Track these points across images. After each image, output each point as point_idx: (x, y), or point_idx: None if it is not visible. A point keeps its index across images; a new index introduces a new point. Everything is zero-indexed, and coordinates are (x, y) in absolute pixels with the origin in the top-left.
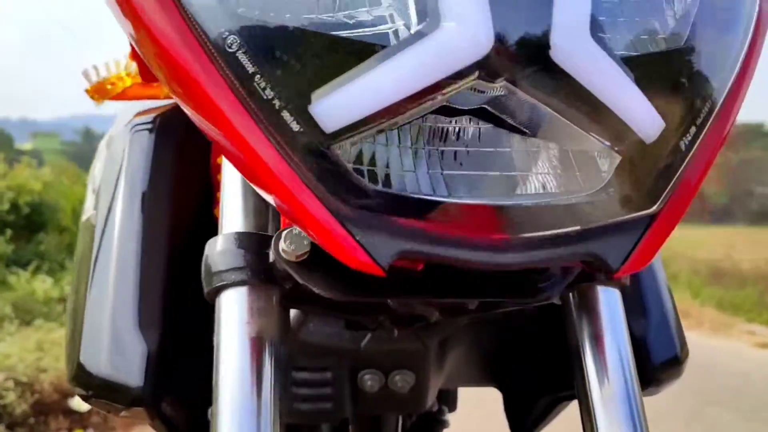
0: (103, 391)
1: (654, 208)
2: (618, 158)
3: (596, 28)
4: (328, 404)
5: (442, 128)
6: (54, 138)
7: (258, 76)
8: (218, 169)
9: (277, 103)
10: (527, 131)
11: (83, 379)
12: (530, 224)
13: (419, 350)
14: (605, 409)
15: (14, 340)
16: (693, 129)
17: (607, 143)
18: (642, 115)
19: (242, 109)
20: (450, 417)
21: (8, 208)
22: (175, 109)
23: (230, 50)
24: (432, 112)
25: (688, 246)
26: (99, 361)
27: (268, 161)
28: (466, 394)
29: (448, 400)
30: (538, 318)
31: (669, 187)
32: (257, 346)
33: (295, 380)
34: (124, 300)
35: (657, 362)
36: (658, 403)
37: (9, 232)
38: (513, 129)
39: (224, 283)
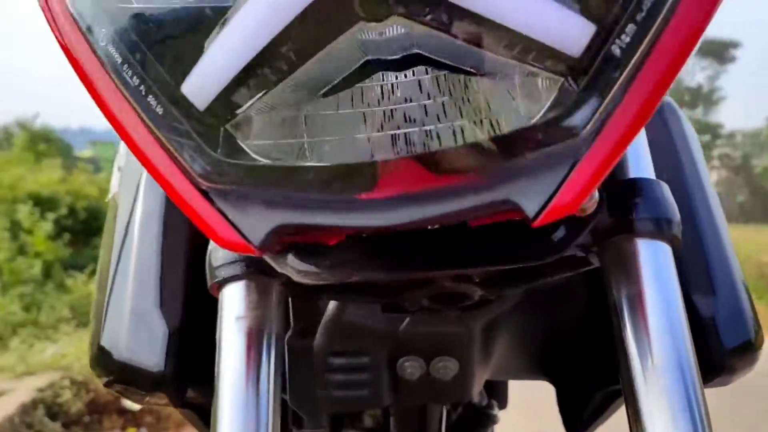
0: (124, 375)
1: (582, 135)
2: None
3: None
4: (366, 391)
5: (382, 87)
6: (111, 146)
7: (126, 65)
8: None
9: (143, 88)
10: (473, 70)
11: (103, 363)
12: (427, 174)
13: (462, 335)
14: (648, 389)
15: (71, 340)
16: (631, 28)
17: (535, 66)
18: (553, 21)
19: (121, 98)
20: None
21: (66, 212)
22: None
23: (102, 44)
24: (367, 70)
25: (755, 248)
26: (119, 343)
27: (142, 143)
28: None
29: (498, 395)
30: (590, 304)
31: (601, 107)
32: (253, 339)
33: (331, 366)
34: (146, 282)
35: (729, 347)
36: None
37: (67, 236)
38: (458, 71)
39: (222, 278)
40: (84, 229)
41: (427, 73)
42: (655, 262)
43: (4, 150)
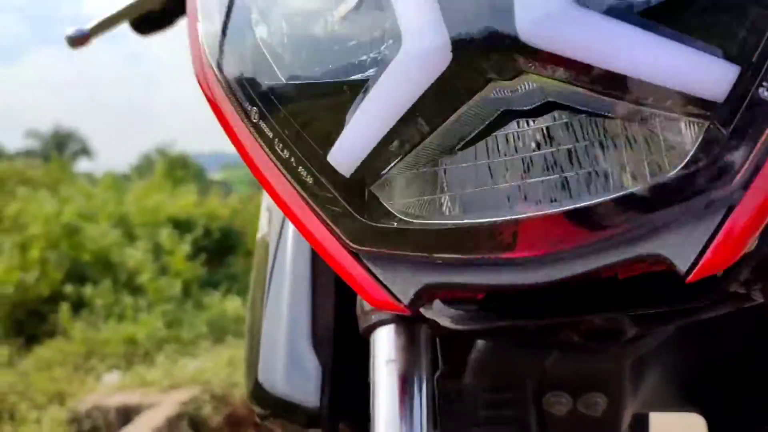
0: (281, 410)
1: (733, 185)
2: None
3: None
4: (511, 428)
5: (515, 135)
6: (242, 169)
7: (277, 140)
8: None
9: (293, 160)
10: (610, 115)
11: (261, 398)
12: (572, 230)
13: (612, 370)
14: None
15: (209, 356)
16: None
17: (677, 113)
18: (691, 68)
19: (275, 170)
20: None
21: (202, 234)
22: None
23: (254, 121)
24: (503, 120)
25: None
26: (276, 379)
27: (298, 211)
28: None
29: (641, 425)
30: (751, 333)
31: (752, 154)
32: (404, 382)
33: (475, 400)
34: (299, 318)
35: None
36: None
37: (203, 256)
38: (593, 115)
39: (373, 322)
40: (218, 249)
41: (555, 120)
42: None
43: (145, 177)
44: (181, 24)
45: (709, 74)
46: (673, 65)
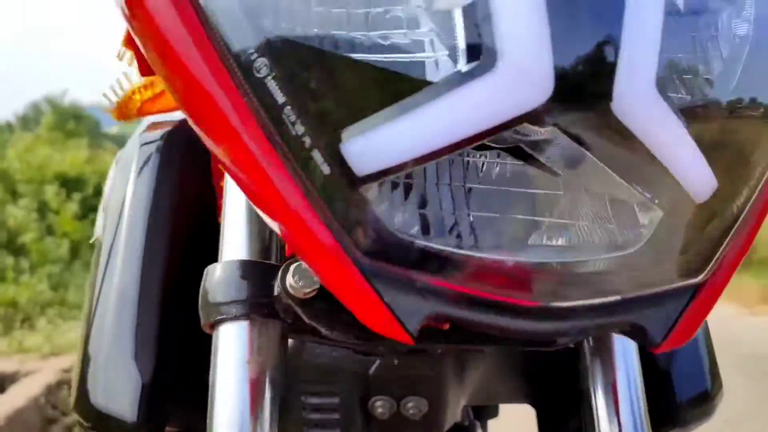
0: (100, 422)
1: (701, 277)
2: (659, 213)
3: (661, 78)
4: (338, 430)
5: (466, 163)
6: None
7: (288, 107)
8: (221, 175)
9: (307, 140)
10: (560, 173)
11: (83, 408)
12: (568, 290)
13: (431, 376)
14: None
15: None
16: (745, 191)
17: (649, 196)
18: (696, 172)
19: (266, 142)
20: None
21: (92, 192)
22: (185, 122)
23: (258, 75)
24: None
25: None
26: (97, 390)
27: (292, 203)
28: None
29: (487, 410)
30: None
31: (718, 254)
32: (257, 387)
33: (303, 405)
34: (122, 328)
35: (683, 399)
36: None
37: (93, 216)
38: (544, 168)
39: (223, 317)
40: None
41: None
42: (625, 354)
43: (32, 129)
44: None
45: (703, 181)
46: (686, 159)
